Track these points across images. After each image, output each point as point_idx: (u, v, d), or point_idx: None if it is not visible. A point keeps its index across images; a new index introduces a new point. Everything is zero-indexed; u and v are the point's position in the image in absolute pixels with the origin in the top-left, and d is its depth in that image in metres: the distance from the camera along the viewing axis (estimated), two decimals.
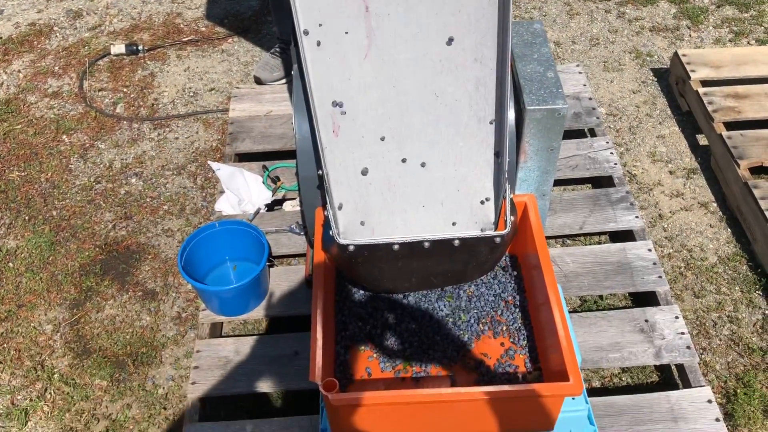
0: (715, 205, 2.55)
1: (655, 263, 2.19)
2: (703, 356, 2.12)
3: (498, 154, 1.62)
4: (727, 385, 2.05)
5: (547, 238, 2.39)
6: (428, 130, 1.67)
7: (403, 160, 1.64)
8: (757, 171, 2.52)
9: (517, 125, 1.77)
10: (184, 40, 3.39)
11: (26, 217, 2.62)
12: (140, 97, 3.11)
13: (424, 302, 1.85)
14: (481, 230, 1.58)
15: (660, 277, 2.16)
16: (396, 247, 1.53)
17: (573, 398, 1.70)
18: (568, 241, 2.42)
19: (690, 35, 3.27)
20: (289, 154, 2.63)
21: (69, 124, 2.98)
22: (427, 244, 1.54)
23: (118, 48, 3.28)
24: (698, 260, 2.37)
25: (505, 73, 1.63)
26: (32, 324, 2.30)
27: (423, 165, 1.64)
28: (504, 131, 1.60)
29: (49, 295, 2.38)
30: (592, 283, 2.16)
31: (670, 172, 2.66)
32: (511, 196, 1.58)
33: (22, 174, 2.79)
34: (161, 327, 2.28)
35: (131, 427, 2.04)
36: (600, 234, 2.41)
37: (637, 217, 2.34)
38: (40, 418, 2.08)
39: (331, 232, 1.52)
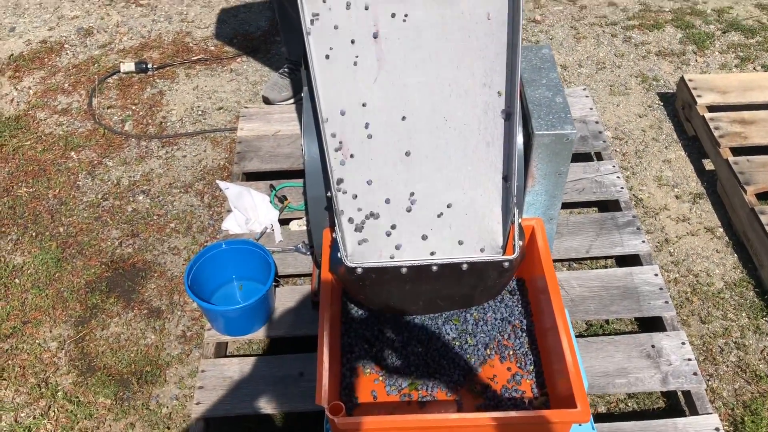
0: (721, 230, 2.54)
1: (661, 288, 2.19)
2: (710, 383, 2.11)
3: (506, 178, 1.63)
4: (735, 412, 2.04)
5: (554, 261, 2.39)
6: (437, 153, 1.68)
7: (412, 184, 1.65)
8: (764, 197, 2.52)
9: (525, 149, 1.78)
10: (193, 59, 3.42)
11: (33, 233, 2.63)
12: (149, 114, 3.13)
13: (430, 325, 1.85)
14: (490, 254, 1.58)
15: (666, 302, 2.15)
16: (404, 270, 1.54)
17: (580, 425, 1.69)
18: (575, 265, 2.42)
19: (696, 60, 3.29)
20: (296, 174, 2.64)
21: (77, 141, 3.00)
22: (435, 268, 1.54)
23: (128, 66, 3.31)
24: (705, 285, 2.37)
25: (514, 98, 1.64)
26: (37, 341, 2.30)
27: (431, 188, 1.65)
28: (512, 156, 1.61)
29: (54, 312, 2.38)
30: (599, 307, 2.15)
31: (677, 197, 2.67)
32: (519, 220, 1.58)
33: (30, 190, 2.80)
34: (166, 345, 2.28)
35: None
36: (606, 258, 2.41)
37: (643, 241, 2.33)
38: None
39: (339, 254, 1.53)
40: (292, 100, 3.06)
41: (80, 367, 2.23)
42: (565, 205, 2.58)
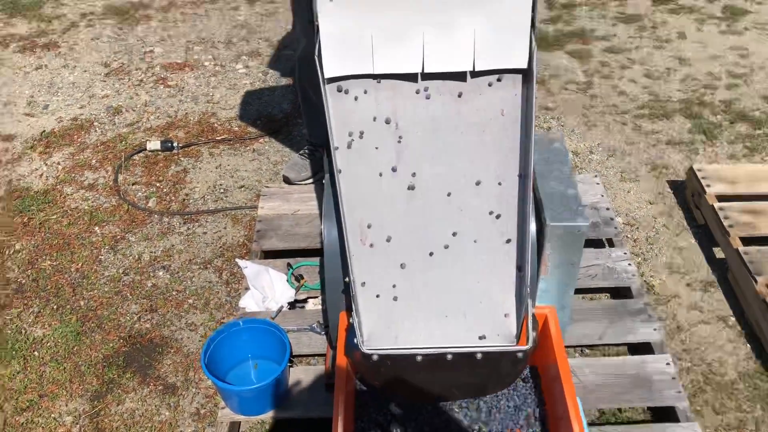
0: (733, 319, 2.56)
1: (674, 378, 2.19)
2: None
3: (520, 268, 1.68)
4: None
5: (567, 347, 2.41)
6: (453, 242, 1.74)
7: (428, 270, 1.70)
8: None
9: (538, 239, 1.83)
10: (217, 138, 3.55)
11: (54, 306, 2.69)
12: (172, 192, 3.23)
13: (444, 412, 1.86)
14: (504, 344, 1.62)
15: (679, 392, 2.16)
16: (419, 358, 1.57)
17: None
18: (587, 351, 2.43)
19: (705, 149, 3.38)
20: (313, 253, 2.70)
21: (102, 216, 3.09)
22: (450, 357, 1.57)
23: (154, 144, 3.44)
24: (717, 375, 2.37)
25: (527, 191, 1.71)
26: (53, 415, 2.32)
27: (447, 276, 1.70)
28: (526, 246, 1.66)
29: (71, 386, 2.41)
30: (611, 395, 2.16)
31: (688, 285, 2.70)
32: (533, 310, 1.62)
33: (54, 263, 2.88)
34: (180, 423, 2.29)
35: None
36: (619, 345, 2.42)
37: (655, 329, 2.35)
38: None
39: (355, 340, 1.57)
40: (311, 180, 3.16)
41: None
42: (578, 291, 2.61)
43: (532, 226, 1.80)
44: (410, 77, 1.85)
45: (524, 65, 1.80)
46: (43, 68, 4.17)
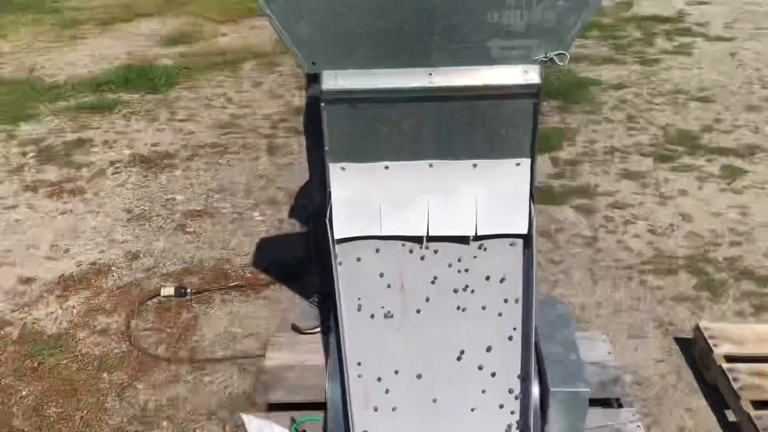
0: None
1: None
2: None
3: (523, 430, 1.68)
4: None
5: None
6: (457, 402, 1.75)
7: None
8: None
9: (541, 404, 1.84)
10: (229, 285, 3.63)
11: None
12: (182, 338, 3.27)
13: None
14: None
15: None
16: None
17: None
18: None
19: (711, 307, 3.40)
20: (319, 406, 2.68)
21: (111, 363, 3.12)
22: None
23: (168, 290, 3.52)
24: None
25: (529, 349, 1.74)
26: None
27: None
28: (529, 409, 1.67)
29: None
30: None
31: None
32: None
33: (59, 410, 2.87)
34: None
35: None
36: None
37: None
38: None
39: None
40: (319, 330, 3.19)
41: None
42: None
43: (536, 390, 1.82)
44: (416, 239, 1.94)
45: (524, 231, 1.89)
46: (68, 213, 4.36)
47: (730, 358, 2.82)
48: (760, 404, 2.62)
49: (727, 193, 4.42)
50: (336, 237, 1.90)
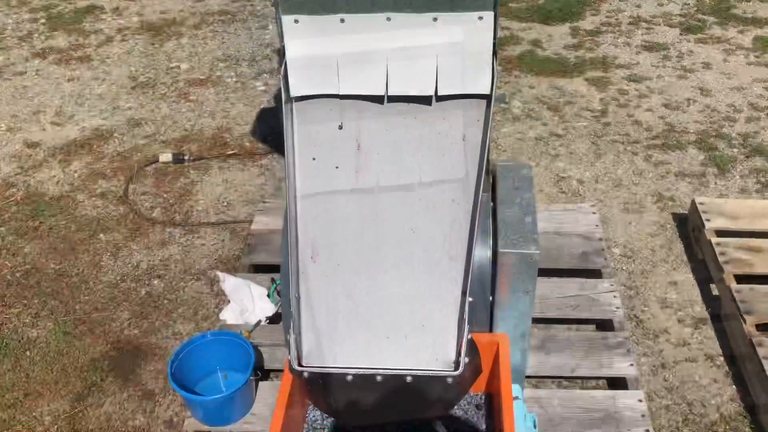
0: (722, 358, 2.47)
1: (644, 415, 2.13)
2: None
3: (464, 293, 1.67)
4: None
5: (541, 378, 2.37)
6: (401, 264, 1.75)
7: (374, 292, 1.71)
8: (766, 328, 2.45)
9: (492, 267, 1.82)
10: (227, 153, 3.64)
11: (51, 309, 2.79)
12: (178, 203, 3.32)
13: None
14: (438, 368, 1.61)
15: (647, 430, 2.09)
16: (349, 377, 1.58)
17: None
18: (565, 383, 2.39)
19: (716, 183, 3.29)
20: None
21: (108, 224, 3.20)
22: (379, 378, 1.58)
23: (166, 156, 3.54)
24: (697, 416, 2.29)
25: (476, 215, 1.70)
26: (34, 413, 2.41)
27: (393, 298, 1.70)
28: (471, 271, 1.65)
29: (56, 387, 2.49)
30: (576, 429, 2.11)
31: (679, 320, 2.62)
32: (470, 336, 1.61)
33: (57, 267, 2.99)
34: (153, 429, 2.34)
35: None
36: (592, 379, 2.37)
37: (631, 364, 2.30)
38: None
39: (288, 357, 1.59)
40: None
41: None
42: (561, 321, 2.58)
43: (480, 252, 1.80)
44: (375, 99, 1.87)
45: (487, 91, 1.80)
46: (75, 80, 4.35)
47: (721, 233, 2.75)
48: (743, 278, 2.57)
49: (754, 67, 4.16)
50: (292, 95, 1.84)
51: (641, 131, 3.66)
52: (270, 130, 3.82)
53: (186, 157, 3.57)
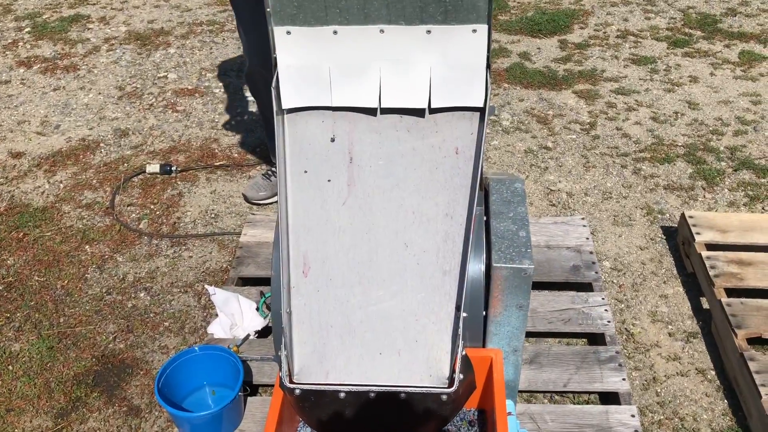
0: (713, 372, 2.47)
1: (636, 431, 2.12)
2: None
3: (459, 308, 1.65)
4: None
5: (532, 392, 2.36)
6: (395, 278, 1.72)
7: (367, 307, 1.69)
8: (757, 342, 2.45)
9: (486, 281, 1.81)
10: (215, 164, 3.61)
11: (35, 322, 2.74)
12: (165, 214, 3.28)
13: None
14: (432, 385, 1.59)
15: None
16: (342, 395, 1.55)
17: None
18: (556, 397, 2.37)
19: (704, 196, 3.30)
20: None
21: (94, 236, 3.15)
22: (372, 395, 1.55)
23: (153, 167, 3.51)
24: (689, 431, 2.28)
25: (470, 230, 1.69)
26: (16, 430, 2.35)
27: (385, 313, 1.68)
28: (465, 286, 1.64)
29: (39, 402, 2.44)
30: None
31: (670, 334, 2.61)
32: (464, 353, 1.59)
33: (42, 279, 2.94)
34: None
35: None
36: (584, 393, 2.36)
37: (623, 379, 2.28)
38: None
39: (280, 373, 1.56)
40: (269, 201, 3.24)
41: None
42: (553, 335, 2.57)
43: (473, 266, 1.78)
44: (368, 111, 1.86)
45: (481, 104, 1.79)
46: (61, 89, 4.31)
47: (711, 246, 2.75)
48: (734, 292, 2.57)
49: (741, 81, 4.20)
50: (284, 107, 1.82)
51: (630, 144, 3.67)
52: (258, 142, 3.79)
53: (173, 168, 3.53)
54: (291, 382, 1.58)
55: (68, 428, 2.35)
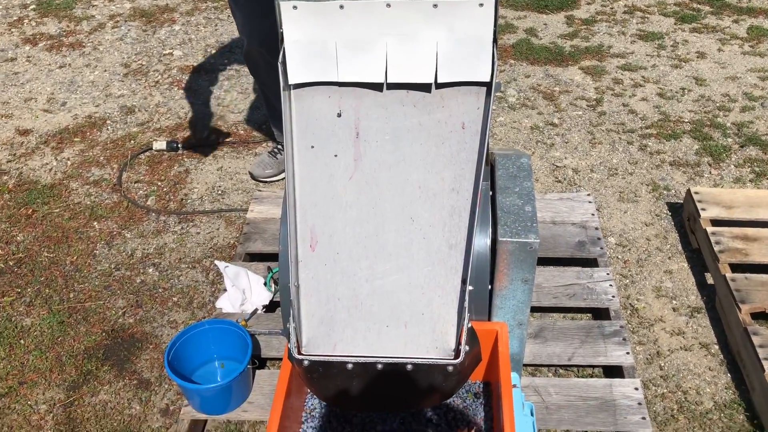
0: (716, 347, 2.49)
1: (640, 403, 2.14)
2: None
3: (464, 281, 1.67)
4: None
5: (537, 366, 2.38)
6: (401, 252, 1.74)
7: (373, 280, 1.71)
8: (761, 317, 2.46)
9: (492, 255, 1.82)
10: (221, 141, 3.62)
11: (45, 297, 2.77)
12: (172, 191, 3.30)
13: (390, 419, 1.86)
14: (437, 357, 1.61)
15: (644, 418, 2.10)
16: (350, 366, 1.58)
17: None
18: (561, 371, 2.40)
19: (710, 172, 3.29)
20: None
21: (102, 212, 3.18)
22: (380, 366, 1.57)
23: (160, 144, 3.52)
24: (693, 404, 2.30)
25: (476, 204, 1.70)
26: (29, 402, 2.39)
27: (392, 286, 1.70)
28: (471, 260, 1.65)
29: (50, 375, 2.48)
30: (573, 417, 2.12)
31: (674, 309, 2.63)
32: (470, 325, 1.61)
33: (51, 255, 2.97)
34: (149, 418, 2.33)
35: None
36: (588, 367, 2.38)
37: (627, 353, 2.31)
38: None
39: (289, 345, 1.58)
40: (276, 178, 3.24)
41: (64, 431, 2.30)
42: (558, 310, 2.58)
43: (479, 240, 1.79)
44: (374, 86, 1.86)
45: (487, 78, 1.80)
46: (67, 67, 4.31)
47: (717, 222, 2.76)
48: (738, 267, 2.58)
49: (749, 57, 4.17)
50: (291, 82, 1.83)
51: (636, 120, 3.66)
52: (264, 118, 3.80)
53: (179, 145, 3.54)
54: (299, 353, 1.61)
55: (80, 400, 2.39)
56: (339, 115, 1.86)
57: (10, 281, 2.85)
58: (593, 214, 2.84)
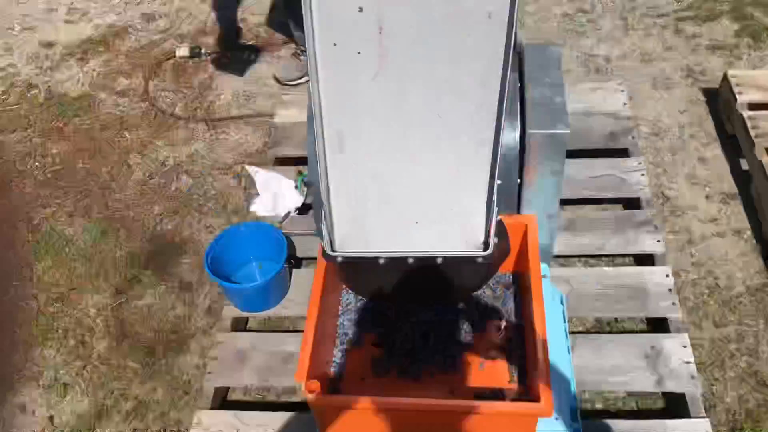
0: (749, 233, 2.48)
1: (670, 290, 2.17)
2: (714, 387, 2.09)
3: (492, 176, 1.67)
4: (735, 418, 2.02)
5: (569, 257, 2.41)
6: (428, 150, 1.74)
7: (402, 178, 1.72)
8: None
9: (521, 147, 1.81)
10: (244, 44, 3.57)
11: (85, 207, 2.85)
12: (198, 98, 3.30)
13: (424, 311, 1.92)
14: (469, 250, 1.64)
15: (674, 303, 2.14)
16: (381, 261, 1.61)
17: (557, 418, 1.73)
18: (591, 261, 2.42)
19: (749, 54, 3.17)
20: None
21: (132, 122, 3.21)
22: (411, 260, 1.61)
23: (183, 51, 3.49)
24: (724, 289, 2.32)
25: (504, 96, 1.67)
26: (80, 305, 2.52)
27: (421, 184, 1.71)
28: (498, 154, 1.65)
29: (97, 281, 2.59)
30: (605, 305, 2.16)
31: (707, 197, 2.61)
32: (498, 217, 1.63)
33: (86, 166, 3.03)
34: (193, 318, 2.44)
35: (155, 408, 2.22)
36: (620, 256, 2.40)
37: (658, 241, 2.31)
38: (77, 393, 2.28)
39: (322, 243, 1.62)
40: (302, 81, 3.21)
41: (114, 333, 2.43)
42: (589, 201, 2.57)
43: (507, 134, 1.78)
44: None
45: None
46: None
47: (754, 106, 2.68)
48: None
49: None
50: None
51: (672, 2, 3.50)
52: (285, 19, 3.71)
53: (203, 51, 3.51)
54: (333, 250, 1.65)
55: (127, 303, 2.51)
56: (360, 10, 1.81)
57: (49, 193, 2.93)
58: (625, 104, 2.78)
